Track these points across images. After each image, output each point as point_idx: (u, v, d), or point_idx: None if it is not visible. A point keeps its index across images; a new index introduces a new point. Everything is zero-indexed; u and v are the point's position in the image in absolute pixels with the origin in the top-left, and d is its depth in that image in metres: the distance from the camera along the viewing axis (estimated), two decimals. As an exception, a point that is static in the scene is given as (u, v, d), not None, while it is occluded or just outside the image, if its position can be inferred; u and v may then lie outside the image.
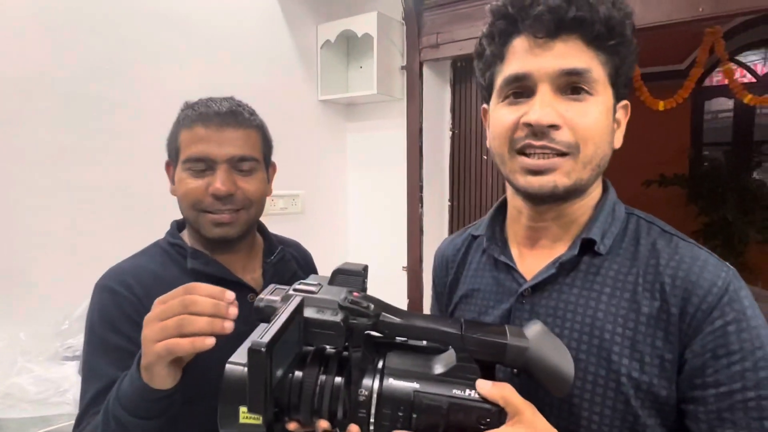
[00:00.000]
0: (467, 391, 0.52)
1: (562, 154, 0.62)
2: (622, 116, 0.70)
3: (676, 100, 2.72)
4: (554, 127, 0.62)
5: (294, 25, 2.11)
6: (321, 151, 2.28)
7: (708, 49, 2.62)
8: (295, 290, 0.54)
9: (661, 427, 0.61)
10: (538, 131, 0.62)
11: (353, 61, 2.30)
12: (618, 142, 0.69)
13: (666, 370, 0.60)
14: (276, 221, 2.07)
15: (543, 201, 0.67)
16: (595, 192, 0.70)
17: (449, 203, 2.26)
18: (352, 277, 0.58)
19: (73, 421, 0.78)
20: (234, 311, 0.58)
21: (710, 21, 1.93)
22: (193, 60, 1.76)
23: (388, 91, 2.12)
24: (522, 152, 0.64)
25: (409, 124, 2.15)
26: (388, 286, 2.20)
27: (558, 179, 0.63)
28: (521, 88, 0.65)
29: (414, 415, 0.52)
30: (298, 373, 0.52)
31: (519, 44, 0.64)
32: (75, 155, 1.48)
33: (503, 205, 0.80)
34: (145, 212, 1.60)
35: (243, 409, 0.48)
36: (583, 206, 0.69)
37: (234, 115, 0.86)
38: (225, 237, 0.85)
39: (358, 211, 2.41)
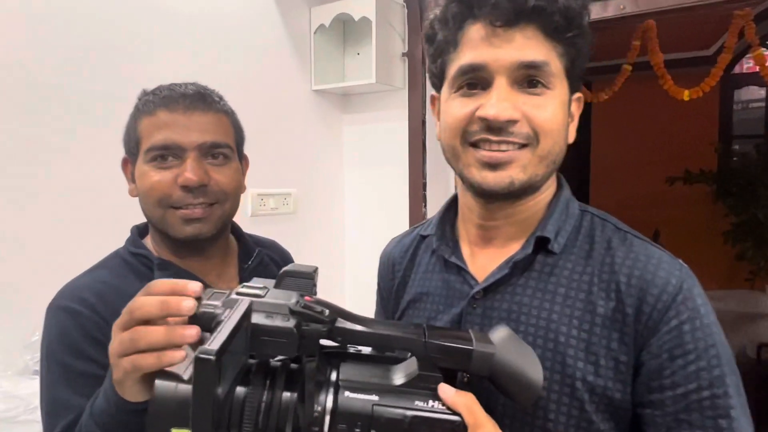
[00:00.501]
0: (431, 402, 0.51)
1: (521, 146, 0.64)
2: (576, 109, 0.71)
3: (703, 88, 2.69)
4: (512, 121, 0.63)
5: (285, 8, 2.04)
6: (315, 145, 2.24)
7: (737, 33, 2.59)
8: (238, 294, 0.51)
9: None
10: (496, 126, 0.63)
11: (350, 48, 2.24)
12: (571, 137, 0.70)
13: (621, 373, 0.62)
14: (266, 222, 2.03)
15: (497, 198, 0.67)
16: (550, 189, 0.72)
17: (455, 202, 2.25)
18: (301, 279, 0.56)
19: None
20: (188, 305, 0.50)
21: (740, 2, 1.91)
22: (177, 47, 1.70)
23: (388, 80, 2.06)
24: (476, 145, 0.65)
25: (411, 116, 2.11)
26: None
27: (514, 174, 0.64)
28: (476, 79, 0.65)
29: (372, 431, 0.50)
30: (241, 389, 0.49)
31: (475, 31, 0.64)
32: (48, 152, 1.43)
33: (453, 202, 0.80)
34: (125, 216, 1.56)
35: (174, 431, 0.46)
36: (537, 204, 0.71)
37: (202, 97, 0.83)
38: (197, 236, 0.81)
39: (355, 211, 2.37)
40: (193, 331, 0.50)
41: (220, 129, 0.84)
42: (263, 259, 0.95)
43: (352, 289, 2.33)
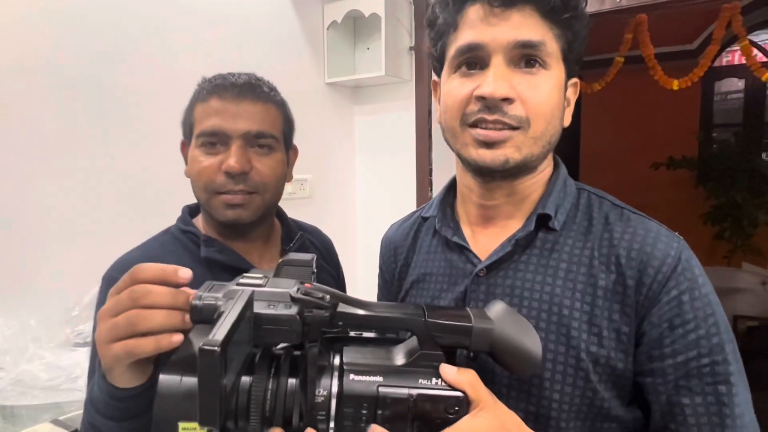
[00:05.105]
0: (434, 380, 0.48)
1: (513, 128, 0.59)
2: (572, 94, 0.67)
3: (691, 78, 2.60)
4: (507, 100, 0.58)
5: (300, 6, 1.97)
6: (329, 134, 2.18)
7: (725, 26, 2.51)
8: (239, 285, 0.47)
9: (618, 400, 0.59)
10: (492, 104, 0.58)
11: (360, 43, 2.17)
12: (567, 121, 0.66)
13: (623, 343, 0.58)
14: (285, 206, 1.95)
15: (494, 176, 0.63)
16: (547, 169, 0.68)
17: (459, 186, 2.20)
18: (299, 268, 0.52)
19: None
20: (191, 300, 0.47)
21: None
22: (197, 43, 1.63)
23: (396, 73, 2.00)
24: (473, 125, 0.61)
25: (418, 106, 2.05)
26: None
27: (509, 153, 0.60)
28: (474, 59, 0.61)
29: (379, 411, 0.47)
30: (246, 378, 0.45)
31: (473, 12, 0.60)
32: (82, 142, 1.39)
33: (453, 185, 0.75)
34: (157, 198, 1.51)
35: (182, 425, 0.42)
36: (535, 183, 0.66)
37: (252, 87, 0.77)
38: (237, 221, 0.77)
39: (366, 195, 2.32)
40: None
41: (267, 119, 0.78)
42: (304, 242, 0.90)
43: (363, 266, 2.30)
